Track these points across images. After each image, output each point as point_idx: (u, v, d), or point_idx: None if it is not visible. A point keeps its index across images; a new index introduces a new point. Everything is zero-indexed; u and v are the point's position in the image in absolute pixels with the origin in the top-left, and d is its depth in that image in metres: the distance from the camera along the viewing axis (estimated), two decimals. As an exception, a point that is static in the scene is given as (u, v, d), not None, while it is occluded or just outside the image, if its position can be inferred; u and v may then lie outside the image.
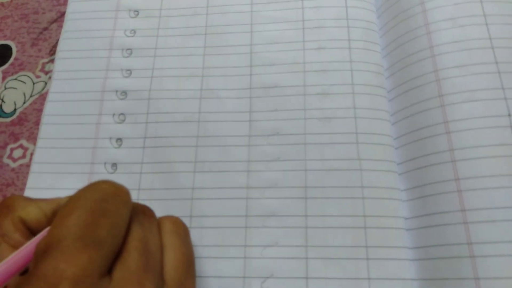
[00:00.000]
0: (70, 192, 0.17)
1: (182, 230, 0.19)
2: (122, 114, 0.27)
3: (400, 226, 0.23)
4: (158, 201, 0.25)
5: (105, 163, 0.26)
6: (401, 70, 0.26)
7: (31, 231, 0.18)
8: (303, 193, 0.24)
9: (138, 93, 0.28)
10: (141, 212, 0.18)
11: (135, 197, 0.25)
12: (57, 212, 0.18)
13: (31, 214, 0.18)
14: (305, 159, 0.25)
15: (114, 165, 0.26)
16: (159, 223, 0.19)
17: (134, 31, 0.30)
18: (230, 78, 0.27)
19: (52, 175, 0.26)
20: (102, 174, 0.26)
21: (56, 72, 0.29)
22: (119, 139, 0.26)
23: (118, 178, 0.25)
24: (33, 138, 0.28)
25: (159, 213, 0.24)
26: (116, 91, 0.28)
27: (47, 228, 0.17)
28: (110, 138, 0.27)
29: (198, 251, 0.23)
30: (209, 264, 0.23)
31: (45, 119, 0.27)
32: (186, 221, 0.24)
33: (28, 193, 0.25)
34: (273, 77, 0.27)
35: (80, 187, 0.17)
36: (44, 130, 0.27)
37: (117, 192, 0.17)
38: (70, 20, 0.30)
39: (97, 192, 0.17)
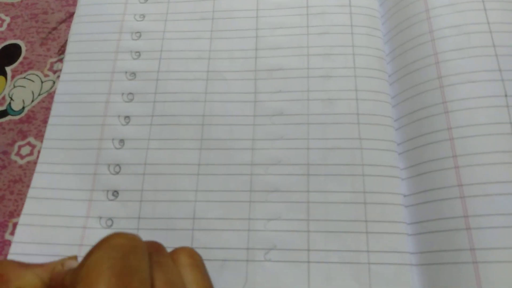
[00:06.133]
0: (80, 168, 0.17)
1: (199, 262, 0.19)
2: (130, 93, 0.28)
3: (398, 202, 0.24)
4: (164, 176, 0.25)
5: (113, 139, 0.27)
6: (402, 54, 0.27)
7: None
8: (306, 170, 0.25)
9: (147, 74, 0.28)
10: (154, 252, 0.18)
11: (141, 171, 0.26)
12: (54, 278, 0.17)
13: (31, 283, 0.16)
14: (308, 138, 0.26)
15: (122, 141, 0.27)
16: (173, 257, 0.19)
17: (143, 16, 0.31)
18: (236, 61, 0.28)
19: (64, 151, 0.26)
20: (110, 149, 0.26)
21: (68, 54, 0.29)
22: (127, 117, 0.27)
23: (125, 153, 0.26)
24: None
25: (165, 187, 0.25)
26: (126, 72, 0.29)
27: None
28: (119, 116, 0.27)
29: (204, 224, 0.24)
30: (214, 236, 0.24)
31: (56, 97, 0.28)
32: (192, 195, 0.25)
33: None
34: (277, 60, 0.28)
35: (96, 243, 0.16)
36: (55, 108, 0.28)
37: (134, 244, 0.16)
38: (83, 6, 0.31)
39: (117, 250, 0.15)
